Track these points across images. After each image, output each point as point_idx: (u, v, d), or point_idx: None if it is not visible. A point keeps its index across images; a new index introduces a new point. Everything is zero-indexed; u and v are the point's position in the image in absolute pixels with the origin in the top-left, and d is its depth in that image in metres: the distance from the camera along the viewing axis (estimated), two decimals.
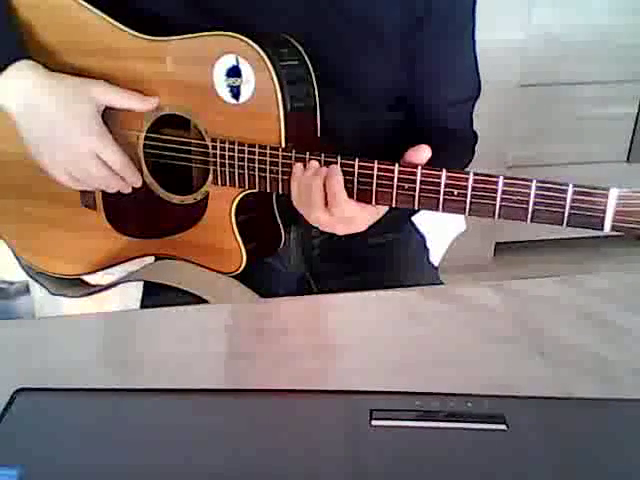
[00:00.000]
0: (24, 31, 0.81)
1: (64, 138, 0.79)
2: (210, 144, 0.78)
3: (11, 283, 1.47)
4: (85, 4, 0.80)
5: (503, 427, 0.48)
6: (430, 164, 0.71)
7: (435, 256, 1.06)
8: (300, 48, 0.77)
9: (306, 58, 0.77)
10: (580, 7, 1.90)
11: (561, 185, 0.64)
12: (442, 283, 0.96)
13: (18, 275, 1.01)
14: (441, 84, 0.89)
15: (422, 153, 0.71)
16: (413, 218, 1.02)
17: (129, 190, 0.84)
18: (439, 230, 1.08)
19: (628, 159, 2.12)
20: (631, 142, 2.10)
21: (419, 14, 0.81)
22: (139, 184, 0.83)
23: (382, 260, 0.95)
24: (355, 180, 0.72)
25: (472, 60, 0.89)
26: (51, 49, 0.82)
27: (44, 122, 0.78)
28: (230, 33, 0.74)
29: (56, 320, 0.80)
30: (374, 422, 0.48)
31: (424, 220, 1.02)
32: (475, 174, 0.67)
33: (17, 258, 0.97)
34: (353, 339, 0.67)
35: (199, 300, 0.81)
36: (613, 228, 0.64)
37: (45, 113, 0.78)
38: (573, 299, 0.72)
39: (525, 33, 1.87)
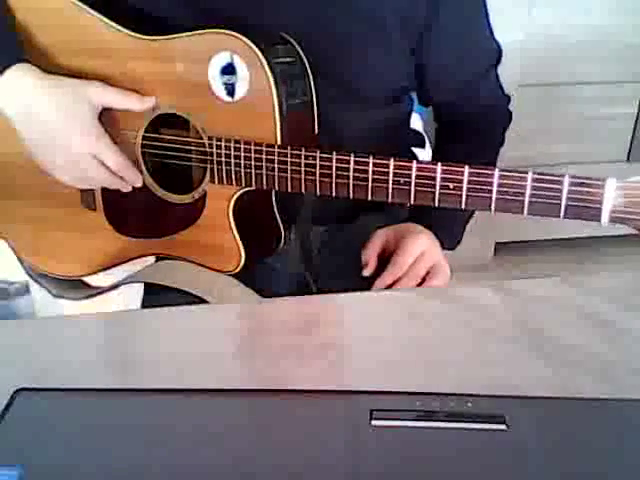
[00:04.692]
0: (20, 33, 0.81)
1: (61, 140, 0.79)
2: (207, 142, 0.78)
3: (11, 283, 1.47)
4: (80, 4, 0.80)
5: (503, 427, 0.48)
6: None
7: None
8: (296, 45, 0.77)
9: (302, 55, 0.77)
10: (580, 7, 1.90)
11: (557, 176, 0.64)
12: None
13: (18, 275, 1.01)
14: (464, 61, 0.91)
15: None
16: None
17: (129, 189, 0.84)
18: None
19: (628, 159, 2.12)
20: (631, 142, 2.10)
21: (420, 11, 0.82)
22: (139, 183, 0.83)
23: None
24: (351, 176, 0.72)
25: (488, 29, 0.91)
26: (47, 50, 0.81)
27: (41, 125, 0.78)
28: (224, 30, 0.74)
29: (56, 320, 0.80)
30: (374, 422, 0.48)
31: None
32: (471, 167, 0.67)
33: (18, 259, 0.97)
34: (353, 339, 0.67)
35: (199, 300, 0.81)
36: (611, 219, 0.64)
37: (42, 115, 0.78)
38: (573, 299, 0.72)
39: (525, 33, 1.87)
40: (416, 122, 1.07)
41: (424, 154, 1.06)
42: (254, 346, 0.66)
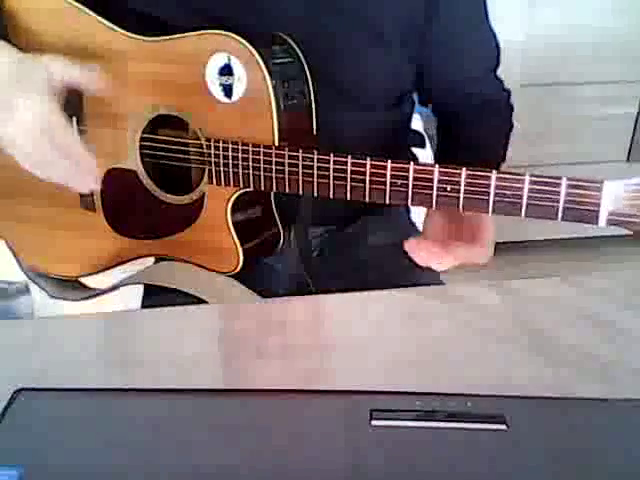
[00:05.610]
0: (14, 30, 0.81)
1: (17, 113, 0.74)
2: (205, 143, 0.78)
3: (11, 283, 1.47)
4: (78, 5, 0.80)
5: (503, 427, 0.48)
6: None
7: None
8: (295, 46, 0.77)
9: (301, 56, 0.77)
10: (581, 7, 1.90)
11: (554, 179, 0.64)
12: (442, 283, 0.96)
13: (18, 275, 1.01)
14: (463, 63, 0.92)
15: None
16: (413, 218, 1.02)
17: (84, 189, 0.80)
18: None
19: (628, 159, 2.12)
20: (631, 142, 2.10)
21: (419, 13, 0.82)
22: (92, 179, 0.77)
23: (382, 260, 0.95)
24: (348, 178, 0.72)
25: (489, 30, 0.93)
26: (45, 51, 0.81)
27: (2, 102, 0.74)
28: (221, 32, 0.74)
29: (56, 320, 0.79)
30: (374, 422, 0.48)
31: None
32: (468, 169, 0.67)
33: (17, 260, 0.97)
34: (353, 339, 0.67)
35: (198, 301, 0.81)
36: (608, 222, 0.64)
37: (3, 92, 0.74)
38: (573, 299, 0.72)
39: (525, 33, 1.87)
40: (416, 122, 1.07)
41: (424, 154, 1.06)
42: (253, 346, 0.66)
